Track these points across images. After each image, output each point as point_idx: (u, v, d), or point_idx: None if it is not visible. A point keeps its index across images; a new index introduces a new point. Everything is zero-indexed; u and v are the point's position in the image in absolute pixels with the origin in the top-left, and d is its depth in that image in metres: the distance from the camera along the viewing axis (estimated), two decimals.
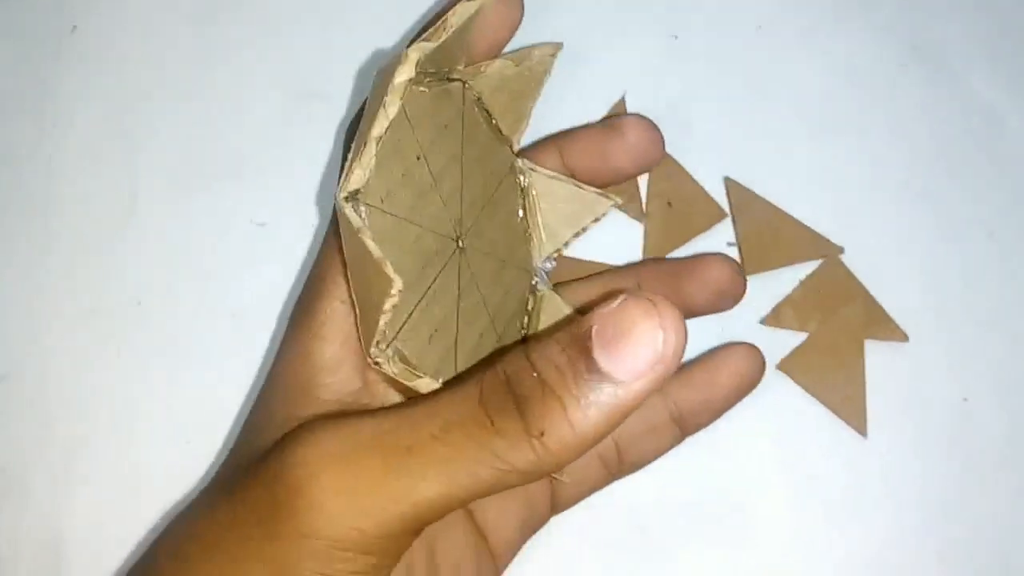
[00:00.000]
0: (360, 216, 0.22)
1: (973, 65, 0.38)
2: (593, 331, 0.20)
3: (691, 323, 0.35)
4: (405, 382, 0.23)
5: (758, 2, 0.39)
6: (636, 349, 0.20)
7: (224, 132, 0.37)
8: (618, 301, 0.20)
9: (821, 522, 0.33)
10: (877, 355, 0.34)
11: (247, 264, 0.35)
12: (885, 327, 0.34)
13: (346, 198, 0.22)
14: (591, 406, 0.20)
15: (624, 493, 0.32)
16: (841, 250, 0.35)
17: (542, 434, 0.20)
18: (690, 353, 0.34)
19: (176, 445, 0.33)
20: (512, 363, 0.21)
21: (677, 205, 0.36)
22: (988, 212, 0.36)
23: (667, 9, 0.39)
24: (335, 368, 0.26)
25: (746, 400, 0.34)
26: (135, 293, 0.35)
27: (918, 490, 0.33)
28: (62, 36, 0.39)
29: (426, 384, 0.23)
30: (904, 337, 0.34)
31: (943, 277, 0.35)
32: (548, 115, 0.37)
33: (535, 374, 0.20)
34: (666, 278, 0.32)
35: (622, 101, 0.37)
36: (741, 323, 0.35)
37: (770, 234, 0.36)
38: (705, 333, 0.34)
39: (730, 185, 0.36)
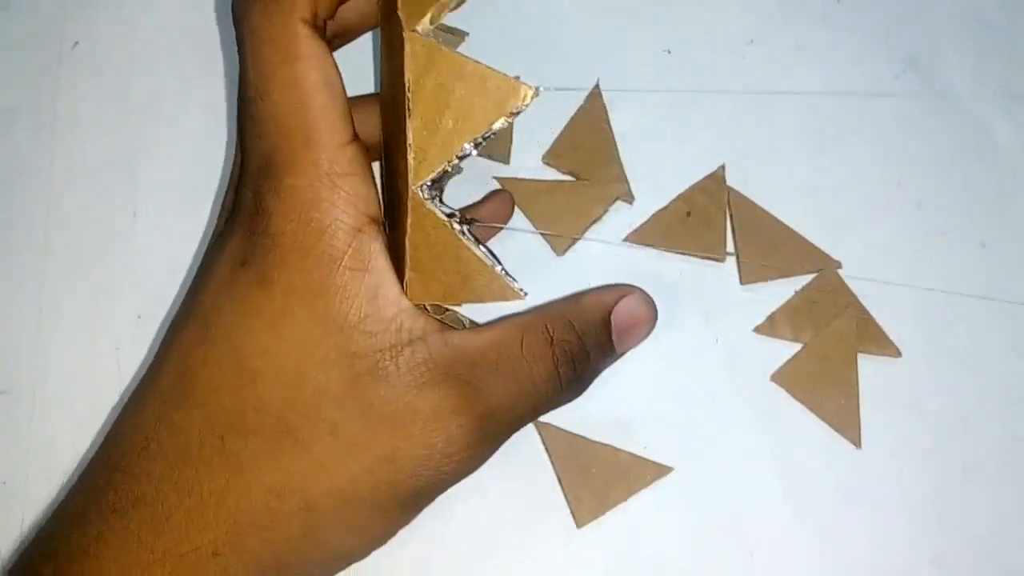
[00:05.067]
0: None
1: (965, 77, 0.38)
2: (612, 322, 0.28)
3: (686, 333, 0.35)
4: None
5: (750, 16, 0.39)
6: (638, 337, 0.29)
7: (223, 146, 0.38)
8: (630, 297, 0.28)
9: (816, 532, 0.33)
10: (870, 367, 0.34)
11: None
12: (878, 341, 0.35)
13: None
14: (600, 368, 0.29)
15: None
16: (839, 264, 0.35)
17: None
18: (685, 363, 0.35)
19: None
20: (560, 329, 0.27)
21: (693, 221, 0.36)
22: (980, 222, 0.37)
23: (660, 23, 0.39)
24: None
25: (740, 411, 0.34)
26: (135, 307, 0.36)
27: (911, 501, 0.33)
28: (64, 52, 0.39)
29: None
30: (897, 353, 0.35)
31: (936, 287, 0.36)
32: (540, 127, 0.37)
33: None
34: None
35: (597, 87, 0.38)
36: (735, 331, 0.35)
37: (769, 245, 0.36)
38: (699, 340, 0.35)
39: (732, 194, 0.36)
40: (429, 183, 0.25)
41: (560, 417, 0.34)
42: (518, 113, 0.24)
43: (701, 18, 0.39)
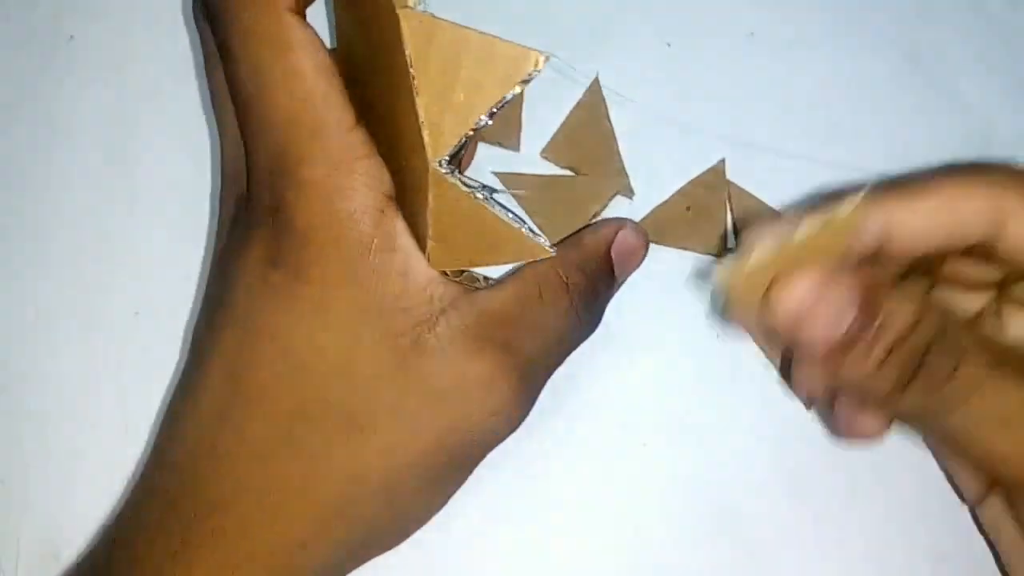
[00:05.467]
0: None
1: (965, 72, 0.38)
2: (612, 255, 0.30)
3: (686, 328, 0.35)
4: None
5: (750, 10, 0.39)
6: (635, 264, 0.31)
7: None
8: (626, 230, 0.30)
9: (817, 531, 0.33)
10: None
11: None
12: None
13: None
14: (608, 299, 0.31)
15: (620, 485, 0.33)
16: None
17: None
18: (685, 359, 0.35)
19: None
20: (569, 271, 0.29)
21: (693, 216, 0.36)
22: None
23: (660, 16, 0.39)
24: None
25: (741, 408, 0.34)
26: (133, 304, 0.36)
27: (913, 499, 0.33)
28: (59, 46, 0.39)
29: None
30: None
31: None
32: (539, 121, 0.37)
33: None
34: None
35: (596, 81, 0.37)
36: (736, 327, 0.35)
37: None
38: (699, 336, 0.35)
39: (732, 188, 0.36)
40: (447, 157, 0.25)
41: (556, 414, 0.33)
42: (529, 80, 0.23)
43: (702, 11, 0.39)
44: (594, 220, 0.36)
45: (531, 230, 0.26)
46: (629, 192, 0.36)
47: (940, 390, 0.23)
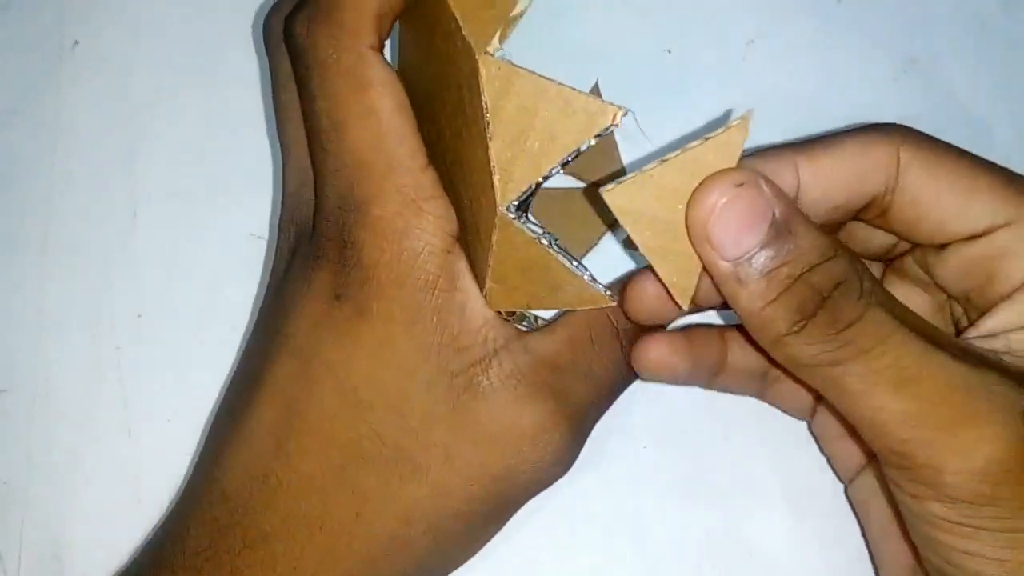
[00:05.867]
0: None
1: (965, 78, 0.38)
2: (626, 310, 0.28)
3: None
4: None
5: (749, 17, 0.39)
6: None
7: (224, 145, 0.38)
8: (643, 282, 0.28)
9: (816, 532, 0.33)
10: None
11: (246, 277, 0.36)
12: None
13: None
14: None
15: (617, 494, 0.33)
16: None
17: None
18: None
19: (177, 456, 0.33)
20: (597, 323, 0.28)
21: None
22: None
23: (660, 24, 0.39)
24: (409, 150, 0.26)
25: (741, 411, 0.34)
26: (135, 305, 0.36)
27: None
28: (64, 51, 0.39)
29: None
30: None
31: None
32: None
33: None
34: None
35: (596, 88, 0.38)
36: None
37: None
38: None
39: None
40: (516, 203, 0.25)
41: None
42: (603, 135, 0.24)
43: (701, 18, 0.39)
44: (608, 229, 0.36)
45: (592, 277, 0.26)
46: None
47: (840, 336, 0.22)
